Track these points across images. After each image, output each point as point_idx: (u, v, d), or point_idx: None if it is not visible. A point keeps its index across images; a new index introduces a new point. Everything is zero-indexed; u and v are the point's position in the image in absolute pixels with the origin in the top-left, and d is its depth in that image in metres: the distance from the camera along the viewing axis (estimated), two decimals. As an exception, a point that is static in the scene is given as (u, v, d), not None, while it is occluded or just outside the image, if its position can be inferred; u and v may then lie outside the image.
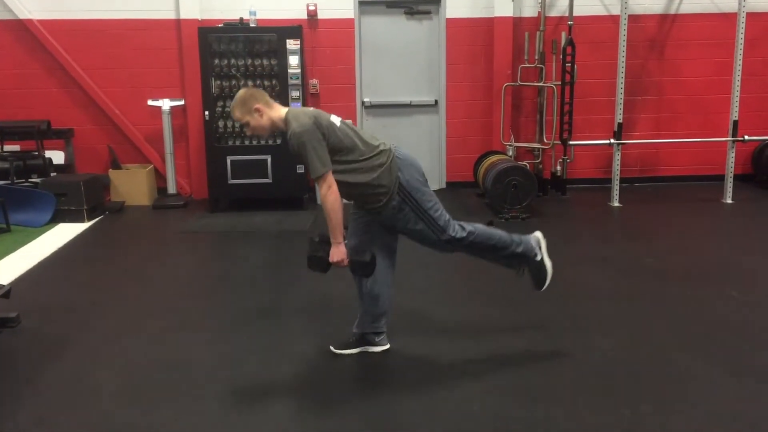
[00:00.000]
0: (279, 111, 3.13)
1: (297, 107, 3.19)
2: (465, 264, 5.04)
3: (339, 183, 3.05)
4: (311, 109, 3.21)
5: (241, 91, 3.16)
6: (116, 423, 2.83)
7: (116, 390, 3.11)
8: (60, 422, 2.84)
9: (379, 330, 3.39)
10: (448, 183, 7.77)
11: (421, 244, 3.27)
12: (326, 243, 3.09)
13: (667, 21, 7.54)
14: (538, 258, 3.34)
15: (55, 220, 6.33)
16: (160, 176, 7.39)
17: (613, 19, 7.21)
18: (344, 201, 3.06)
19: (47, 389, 3.13)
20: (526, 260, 3.34)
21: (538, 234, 3.39)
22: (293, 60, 6.69)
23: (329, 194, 3.00)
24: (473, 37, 7.45)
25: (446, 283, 4.71)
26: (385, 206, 3.09)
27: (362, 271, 3.15)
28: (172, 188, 7.22)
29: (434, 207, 3.15)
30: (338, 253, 3.07)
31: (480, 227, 3.27)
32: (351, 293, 3.44)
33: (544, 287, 3.39)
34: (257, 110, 3.09)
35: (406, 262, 3.50)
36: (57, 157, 7.12)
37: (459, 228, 3.20)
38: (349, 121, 3.28)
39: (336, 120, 3.12)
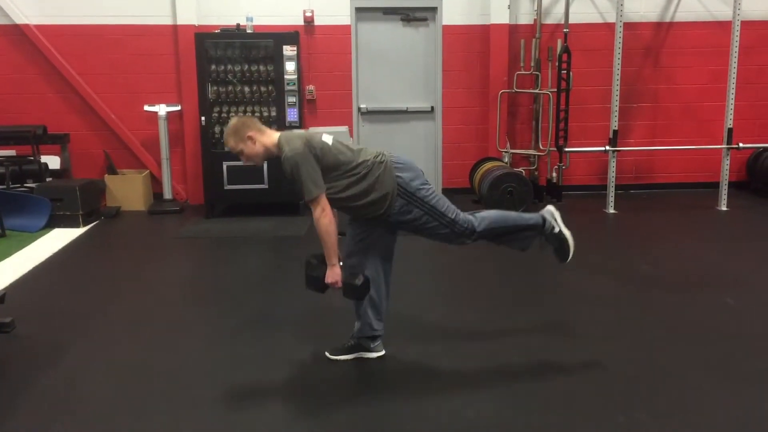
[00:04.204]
0: (271, 137, 3.18)
1: (289, 132, 3.24)
2: (461, 269, 5.06)
3: (343, 199, 3.10)
4: (303, 131, 3.26)
5: (233, 120, 3.21)
6: (111, 430, 2.82)
7: (111, 396, 3.10)
8: (55, 429, 2.83)
9: (376, 333, 3.39)
10: (444, 189, 7.77)
11: (436, 240, 3.30)
12: (324, 264, 3.12)
13: (662, 29, 7.59)
14: (557, 230, 3.37)
15: (50, 225, 6.31)
16: (156, 181, 7.38)
17: (609, 27, 7.26)
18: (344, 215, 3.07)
19: (41, 395, 3.12)
20: (545, 236, 3.38)
21: (550, 207, 3.42)
22: (290, 66, 6.70)
23: (323, 217, 3.04)
24: (469, 44, 7.48)
25: (442, 288, 4.72)
26: (390, 210, 3.12)
27: (353, 294, 3.17)
28: (168, 194, 7.22)
29: (440, 202, 3.18)
30: (333, 274, 3.11)
31: (491, 212, 3.32)
32: (347, 300, 3.43)
33: (569, 258, 3.40)
34: (250, 138, 3.14)
35: (401, 268, 3.51)
36: (53, 162, 7.11)
37: (471, 218, 3.24)
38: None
39: (328, 138, 3.17)
